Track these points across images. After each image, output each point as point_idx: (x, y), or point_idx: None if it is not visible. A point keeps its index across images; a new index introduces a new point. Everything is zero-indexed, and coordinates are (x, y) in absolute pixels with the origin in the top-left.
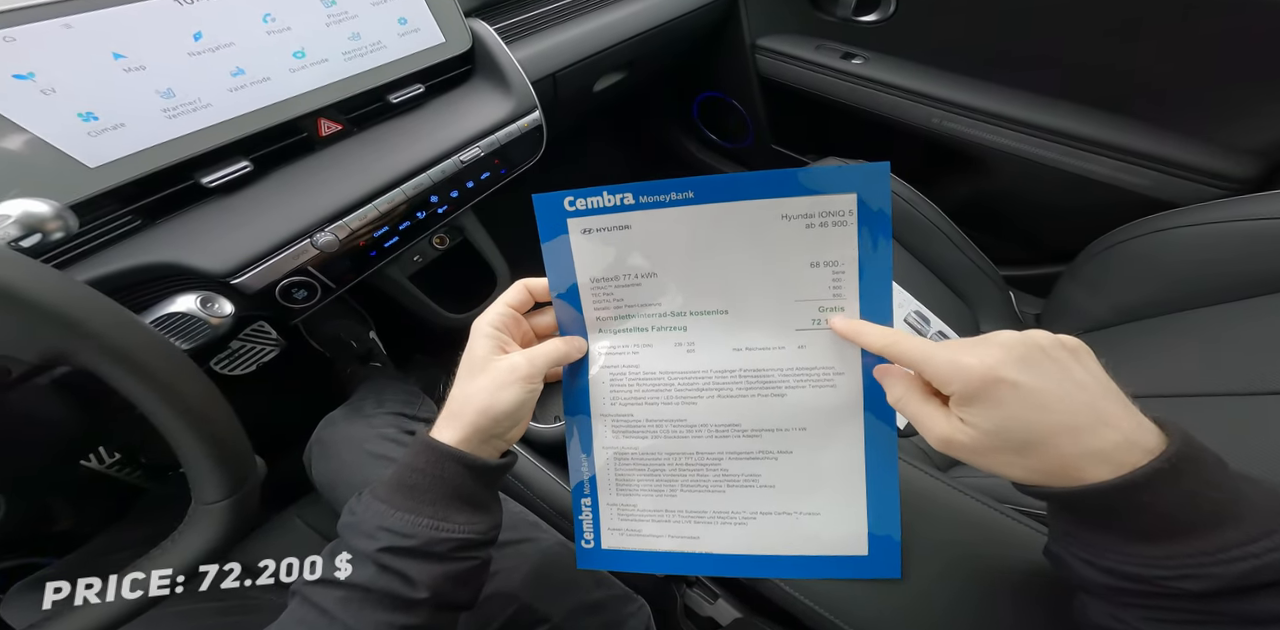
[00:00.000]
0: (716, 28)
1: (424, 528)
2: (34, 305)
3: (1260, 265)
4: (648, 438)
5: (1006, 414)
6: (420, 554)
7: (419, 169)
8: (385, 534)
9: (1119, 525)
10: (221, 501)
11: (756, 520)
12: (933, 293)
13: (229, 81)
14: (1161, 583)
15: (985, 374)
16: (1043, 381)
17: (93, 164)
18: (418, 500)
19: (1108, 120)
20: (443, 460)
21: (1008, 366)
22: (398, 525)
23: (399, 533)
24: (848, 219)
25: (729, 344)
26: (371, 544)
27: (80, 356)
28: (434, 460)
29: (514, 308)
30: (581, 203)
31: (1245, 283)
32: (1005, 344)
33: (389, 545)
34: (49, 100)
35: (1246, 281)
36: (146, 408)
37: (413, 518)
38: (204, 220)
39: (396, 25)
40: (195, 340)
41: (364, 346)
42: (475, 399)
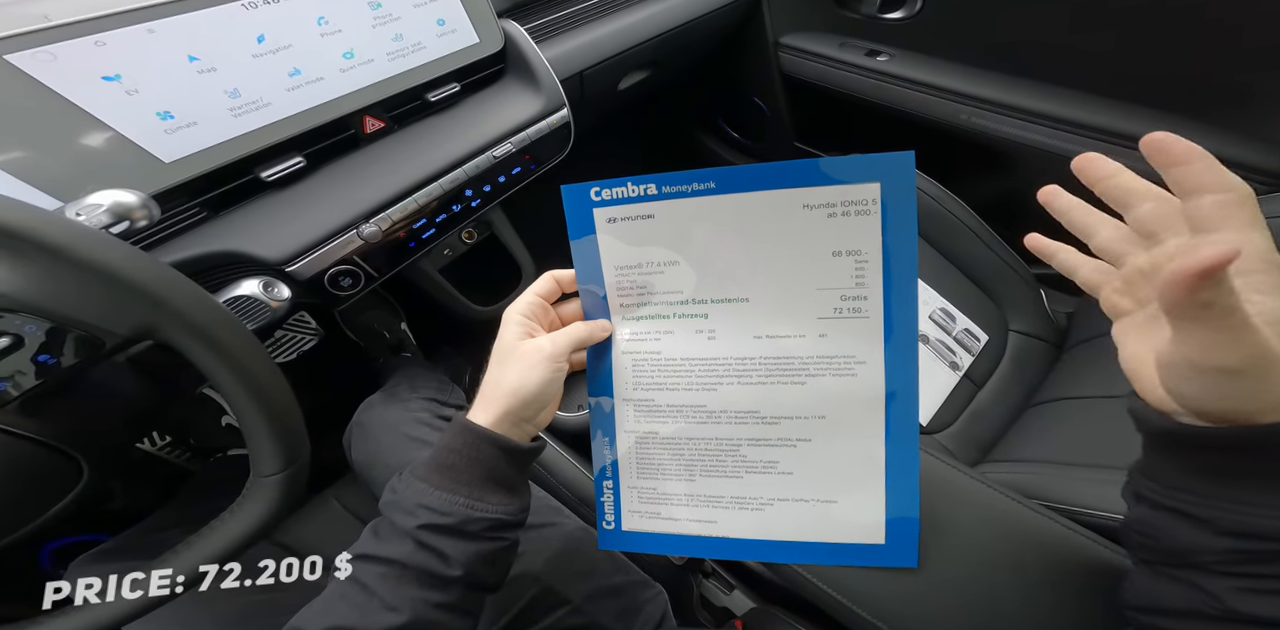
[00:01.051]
0: (739, 26)
1: (460, 506)
2: (128, 283)
3: None
4: (669, 423)
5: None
6: (456, 532)
7: (455, 164)
8: (424, 511)
9: (1269, 471)
10: (278, 473)
11: (773, 506)
12: (960, 291)
13: (287, 81)
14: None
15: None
16: None
17: (167, 159)
18: (455, 480)
19: (1142, 114)
20: (479, 442)
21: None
22: (436, 503)
23: (437, 510)
24: (871, 208)
25: (750, 331)
26: (411, 521)
27: (166, 331)
28: (471, 442)
29: (542, 297)
30: (607, 193)
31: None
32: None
33: (427, 522)
34: (132, 100)
35: None
36: (219, 380)
37: (450, 496)
38: (262, 212)
39: (435, 26)
40: (257, 322)
41: (396, 337)
42: (505, 382)
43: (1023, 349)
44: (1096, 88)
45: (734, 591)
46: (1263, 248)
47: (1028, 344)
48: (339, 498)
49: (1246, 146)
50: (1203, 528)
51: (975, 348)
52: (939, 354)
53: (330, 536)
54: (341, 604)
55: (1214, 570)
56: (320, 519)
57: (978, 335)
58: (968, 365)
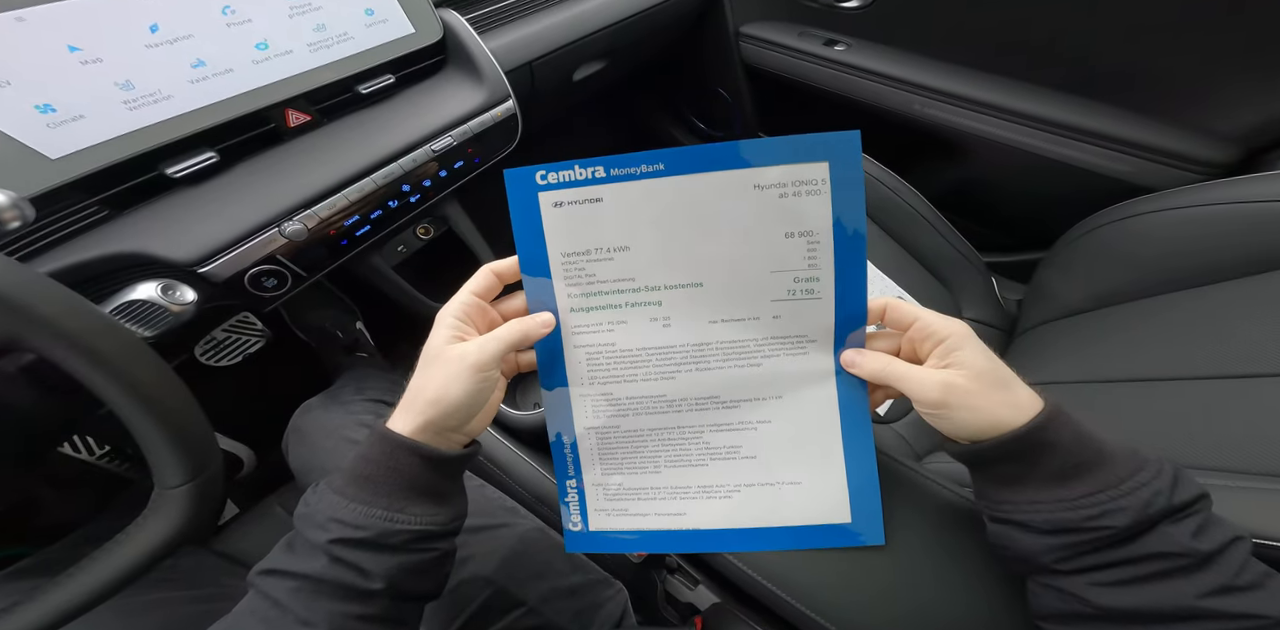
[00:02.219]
0: (699, 15)
1: (377, 519)
2: None
3: (1232, 250)
4: (629, 415)
5: (988, 354)
6: (373, 545)
7: (390, 158)
8: (337, 525)
9: (1038, 472)
10: (183, 485)
11: (740, 493)
12: (914, 278)
13: (190, 73)
14: (1091, 525)
15: (965, 326)
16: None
17: (54, 155)
18: (372, 492)
19: (1088, 107)
20: (396, 451)
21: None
22: (350, 517)
23: (351, 524)
24: (821, 188)
25: (704, 317)
26: (323, 535)
27: (31, 341)
28: (388, 451)
29: (479, 295)
30: (553, 176)
31: (1217, 267)
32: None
33: (340, 537)
34: (4, 93)
35: (1218, 266)
36: (101, 392)
37: (365, 509)
38: (170, 210)
39: (363, 16)
40: (158, 327)
41: (350, 337)
42: (426, 390)
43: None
44: (1045, 79)
45: (699, 587)
46: (965, 333)
47: (980, 331)
48: (283, 504)
49: (1182, 136)
50: (1027, 531)
51: None
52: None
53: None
54: (251, 620)
55: (1061, 571)
56: (263, 527)
57: None
58: None
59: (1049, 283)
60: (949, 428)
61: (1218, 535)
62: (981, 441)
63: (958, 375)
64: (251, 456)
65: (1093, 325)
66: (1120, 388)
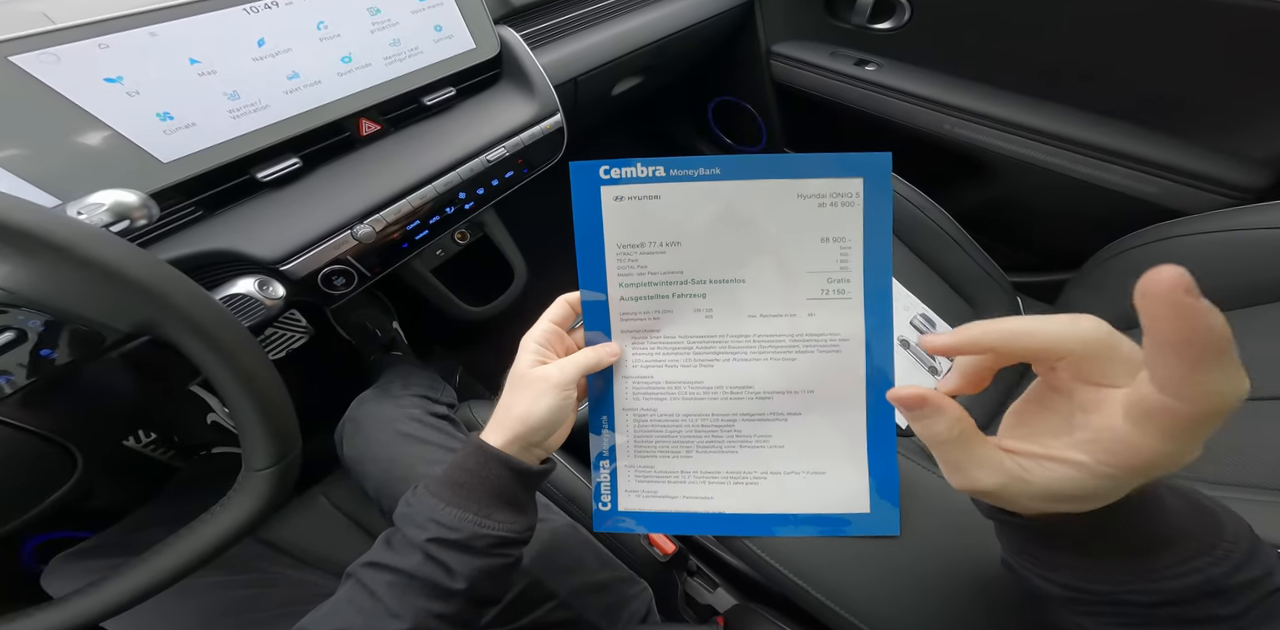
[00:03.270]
0: (733, 34)
1: (469, 523)
2: (129, 281)
3: (1263, 274)
4: (666, 399)
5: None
6: (462, 547)
7: (449, 167)
8: (435, 525)
9: (1076, 546)
10: (270, 468)
11: (767, 480)
12: (939, 297)
13: (285, 84)
14: (1112, 596)
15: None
16: None
17: (165, 159)
18: (465, 497)
19: (1119, 128)
20: (489, 462)
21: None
22: (446, 518)
23: (447, 525)
24: (855, 200)
25: (745, 311)
26: (421, 534)
27: (164, 328)
28: (482, 461)
29: (557, 323)
30: (616, 172)
31: (1248, 292)
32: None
33: (437, 536)
34: (133, 101)
35: (1249, 290)
36: (216, 375)
37: (459, 512)
38: (257, 212)
39: (433, 32)
40: (251, 320)
41: (387, 336)
42: (515, 409)
43: None
44: (1076, 102)
45: (717, 590)
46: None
47: None
48: (327, 494)
49: (1213, 160)
50: (1044, 581)
51: None
52: (918, 359)
53: (317, 534)
54: (349, 608)
55: (1073, 609)
56: (307, 516)
57: None
58: (946, 371)
59: (1078, 303)
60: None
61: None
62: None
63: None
64: None
65: None
66: None
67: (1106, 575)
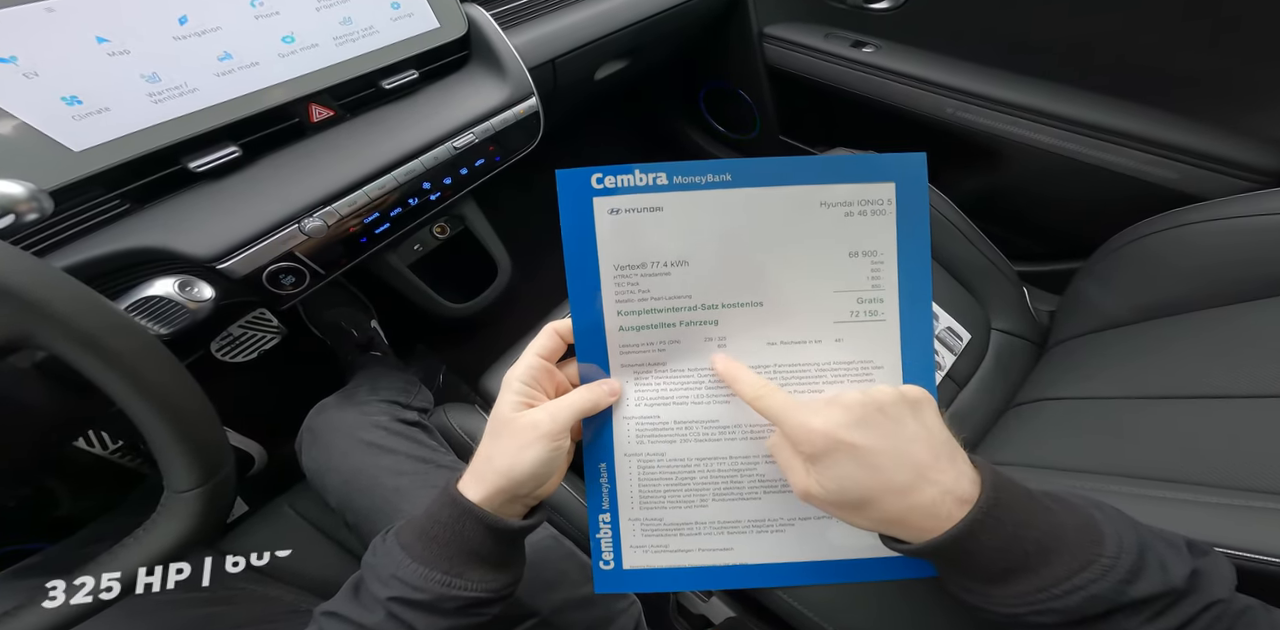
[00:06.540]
0: (723, 15)
1: (436, 583)
2: None
3: None
4: (676, 442)
5: (843, 474)
6: (429, 608)
7: (411, 155)
8: (398, 583)
9: (968, 571)
10: (193, 490)
11: (794, 526)
12: (943, 288)
13: (216, 66)
14: (1021, 618)
15: (827, 437)
16: (877, 441)
17: (77, 148)
18: (436, 554)
19: (1132, 110)
20: (463, 517)
21: (847, 428)
22: (411, 577)
23: (411, 585)
24: (887, 209)
25: (763, 338)
26: (385, 591)
27: (41, 338)
28: (456, 515)
29: (544, 357)
30: (610, 181)
31: (1271, 280)
32: (848, 405)
33: (399, 595)
34: (32, 84)
35: (1272, 279)
36: (111, 393)
37: (426, 571)
38: (191, 205)
39: (389, 10)
40: (174, 324)
41: (365, 335)
42: (496, 460)
43: (1005, 348)
44: (1084, 82)
45: (711, 599)
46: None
47: (1010, 342)
48: (293, 505)
49: (1233, 142)
50: (977, 609)
51: (958, 347)
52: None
53: (282, 545)
54: None
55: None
56: (273, 527)
57: (960, 334)
58: (950, 364)
59: (1087, 293)
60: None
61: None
62: (897, 542)
63: (815, 487)
64: (263, 454)
65: (1134, 339)
66: (1162, 405)
67: (1006, 598)
